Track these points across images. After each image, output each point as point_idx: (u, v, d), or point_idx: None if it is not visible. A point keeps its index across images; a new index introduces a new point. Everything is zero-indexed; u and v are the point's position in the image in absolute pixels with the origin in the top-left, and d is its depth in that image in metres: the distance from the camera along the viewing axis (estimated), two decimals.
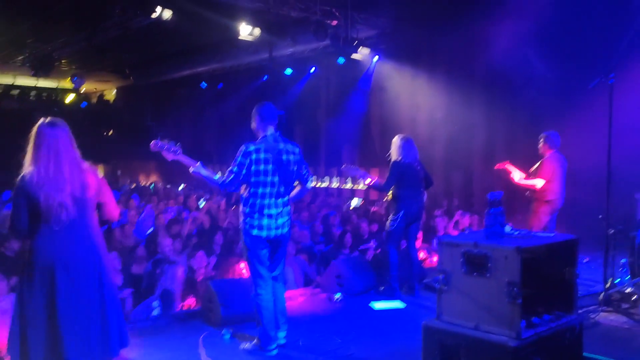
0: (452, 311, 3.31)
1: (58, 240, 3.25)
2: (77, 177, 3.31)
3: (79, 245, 3.30)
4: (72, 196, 3.26)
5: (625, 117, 5.92)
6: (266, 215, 4.22)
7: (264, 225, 4.23)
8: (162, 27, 11.07)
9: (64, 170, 3.26)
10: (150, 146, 4.24)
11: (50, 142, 3.27)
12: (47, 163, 3.23)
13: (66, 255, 3.25)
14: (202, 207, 11.21)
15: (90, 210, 3.40)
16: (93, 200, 3.41)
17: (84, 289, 3.28)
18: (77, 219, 3.28)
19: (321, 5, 11.15)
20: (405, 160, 6.09)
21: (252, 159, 4.18)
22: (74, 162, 3.34)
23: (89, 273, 3.31)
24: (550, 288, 3.48)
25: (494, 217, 3.37)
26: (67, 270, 3.23)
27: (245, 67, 15.92)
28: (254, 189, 4.22)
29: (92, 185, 3.38)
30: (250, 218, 4.23)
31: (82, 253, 3.30)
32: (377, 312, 5.65)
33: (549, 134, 6.90)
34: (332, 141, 15.36)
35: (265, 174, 4.21)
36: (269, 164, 4.21)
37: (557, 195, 6.82)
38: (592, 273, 6.33)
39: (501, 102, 10.82)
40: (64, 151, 3.30)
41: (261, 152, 4.21)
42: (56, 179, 3.23)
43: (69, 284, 3.23)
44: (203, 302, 5.42)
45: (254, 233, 4.23)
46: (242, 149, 4.22)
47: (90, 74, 19.57)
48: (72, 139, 3.38)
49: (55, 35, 13.93)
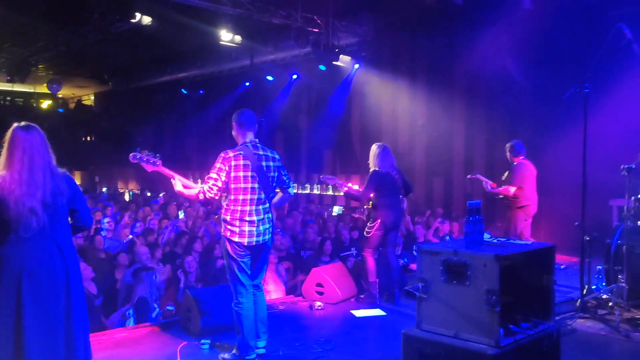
0: (432, 319, 3.32)
1: (26, 249, 3.17)
2: (49, 182, 3.24)
3: (47, 254, 3.22)
4: (43, 202, 3.19)
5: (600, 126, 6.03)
6: (247, 222, 4.19)
7: (245, 232, 4.19)
8: (142, 32, 11.01)
9: (36, 175, 3.19)
10: (129, 158, 4.18)
11: (25, 146, 3.21)
12: (20, 167, 3.17)
13: (33, 265, 3.17)
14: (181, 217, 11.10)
15: (61, 218, 3.32)
16: (65, 207, 3.33)
17: (50, 300, 3.19)
18: (47, 226, 3.21)
19: (303, 12, 11.20)
20: (383, 169, 6.12)
21: (232, 166, 4.15)
22: (48, 168, 3.27)
23: (57, 283, 3.23)
24: (529, 295, 3.50)
25: (473, 225, 3.39)
26: (33, 281, 3.15)
27: (226, 73, 15.89)
28: (235, 195, 4.19)
29: (65, 191, 3.31)
30: (231, 225, 4.20)
31: (50, 263, 3.22)
32: (358, 320, 5.64)
33: (513, 143, 7.09)
34: (313, 148, 15.36)
35: (245, 181, 4.18)
36: (249, 171, 4.19)
37: (529, 201, 6.97)
38: (569, 279, 6.42)
39: (480, 110, 10.95)
40: (39, 156, 3.24)
41: (240, 158, 4.18)
42: (28, 184, 3.16)
43: (35, 294, 3.15)
44: (182, 311, 5.35)
45: (235, 240, 4.20)
46: (222, 156, 4.19)
47: (68, 79, 19.36)
48: (47, 144, 3.32)
49: (32, 40, 13.75)
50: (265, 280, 4.66)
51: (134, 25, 10.47)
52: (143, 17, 9.93)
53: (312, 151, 15.40)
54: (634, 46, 5.13)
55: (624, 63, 6.32)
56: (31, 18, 11.19)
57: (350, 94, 13.77)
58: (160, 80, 17.77)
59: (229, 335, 4.64)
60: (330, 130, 14.48)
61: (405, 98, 12.24)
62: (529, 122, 9.38)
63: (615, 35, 5.15)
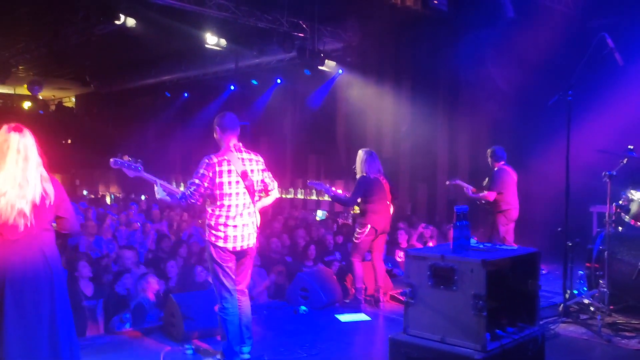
0: (419, 324, 3.33)
1: (9, 253, 3.12)
2: (39, 185, 3.21)
3: (31, 259, 3.17)
4: (32, 204, 3.16)
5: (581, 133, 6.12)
6: (231, 227, 4.17)
7: (229, 237, 4.16)
8: (126, 34, 10.92)
9: (30, 177, 3.17)
10: (110, 163, 4.12)
11: (20, 148, 3.19)
12: (15, 169, 3.14)
13: (16, 270, 3.12)
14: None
15: (47, 222, 3.28)
16: (52, 212, 3.30)
17: (33, 306, 3.14)
18: (34, 229, 3.17)
19: (288, 17, 11.21)
20: (370, 174, 6.14)
21: (216, 171, 4.11)
22: (38, 170, 3.25)
23: (40, 289, 3.18)
24: (514, 300, 3.54)
25: (460, 231, 3.41)
26: (16, 285, 3.10)
27: (211, 76, 15.82)
28: (220, 201, 4.15)
29: (52, 195, 3.27)
30: (215, 230, 4.16)
31: (34, 268, 3.17)
32: (343, 325, 5.63)
33: (494, 149, 7.23)
34: (298, 152, 15.36)
35: (230, 186, 4.15)
36: (233, 175, 4.16)
37: (511, 205, 7.08)
38: (551, 284, 6.49)
39: (464, 116, 11.06)
40: (32, 158, 3.22)
41: (224, 163, 4.15)
42: (21, 186, 3.13)
43: (18, 300, 3.10)
44: (165, 316, 5.30)
45: (220, 245, 4.16)
46: (205, 161, 4.14)
47: (49, 81, 19.09)
48: (38, 147, 3.30)
49: (13, 41, 13.55)
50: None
51: (118, 27, 10.37)
52: (127, 19, 9.85)
53: (296, 156, 15.39)
54: (616, 55, 5.22)
55: (606, 72, 6.43)
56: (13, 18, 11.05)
57: (335, 99, 13.82)
58: (144, 83, 17.62)
59: (213, 340, 4.60)
60: (315, 135, 14.50)
61: (390, 103, 12.31)
62: (512, 128, 9.49)
63: (598, 44, 5.24)
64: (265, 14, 10.96)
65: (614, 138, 7.17)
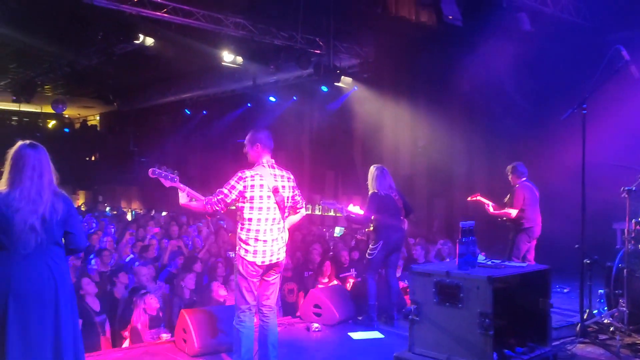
0: (424, 342, 3.26)
1: (15, 269, 3.14)
2: (51, 201, 3.25)
3: (37, 274, 3.19)
4: (42, 219, 3.19)
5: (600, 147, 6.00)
6: (262, 241, 4.19)
7: (259, 251, 4.18)
8: (145, 53, 11.13)
9: (43, 193, 3.21)
10: (149, 173, 4.25)
11: (35, 164, 3.23)
12: (30, 185, 3.18)
13: (20, 285, 3.14)
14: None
15: (55, 237, 3.30)
16: (60, 227, 3.32)
17: (36, 321, 3.15)
18: (43, 244, 3.20)
19: (304, 34, 11.29)
20: (381, 191, 6.09)
21: (248, 185, 4.17)
22: (51, 187, 3.29)
23: (44, 304, 3.19)
24: (524, 319, 3.44)
25: (466, 247, 3.34)
26: (19, 300, 3.11)
27: (229, 94, 16.00)
28: (250, 214, 4.19)
29: (60, 211, 3.30)
30: (245, 244, 4.19)
31: (38, 282, 3.19)
32: (355, 342, 5.56)
33: (514, 165, 7.08)
34: (315, 168, 15.36)
35: (261, 200, 4.19)
36: (264, 190, 4.21)
37: (532, 222, 6.91)
38: (572, 303, 6.32)
39: (481, 131, 10.94)
40: (46, 174, 3.26)
41: (257, 178, 4.21)
42: (34, 201, 3.17)
43: (21, 315, 3.11)
44: (177, 331, 5.30)
45: (249, 259, 4.18)
46: (238, 174, 4.22)
47: (74, 100, 19.55)
48: (51, 164, 3.34)
49: (38, 61, 13.92)
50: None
51: (138, 47, 10.58)
52: (146, 38, 10.04)
53: (314, 172, 15.40)
54: (631, 68, 5.12)
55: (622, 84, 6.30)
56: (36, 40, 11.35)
57: (351, 115, 13.82)
58: (164, 101, 17.90)
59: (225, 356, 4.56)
60: (332, 151, 14.49)
61: (407, 119, 12.27)
62: (529, 143, 9.36)
63: (613, 57, 5.15)
64: (281, 31, 11.07)
65: (632, 151, 7.02)
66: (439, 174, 11.71)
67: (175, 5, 9.82)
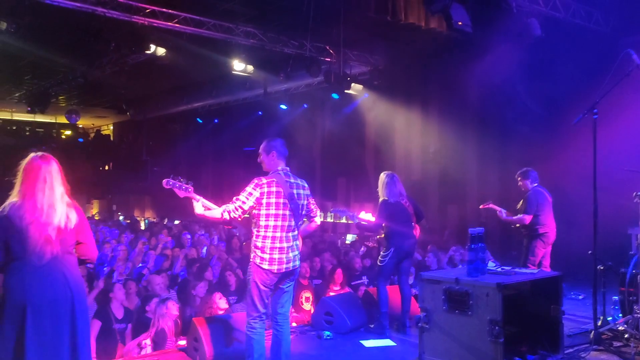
0: (435, 350, 3.24)
1: (31, 280, 3.16)
2: (63, 212, 3.27)
3: (53, 285, 3.21)
4: (57, 231, 3.22)
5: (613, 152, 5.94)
6: (278, 249, 4.21)
7: (275, 260, 4.20)
8: (157, 63, 11.24)
9: (56, 205, 3.24)
10: (163, 183, 4.29)
11: (46, 176, 3.26)
12: (42, 197, 3.21)
13: (37, 297, 3.16)
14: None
15: (69, 248, 3.33)
16: (73, 238, 3.35)
17: (53, 331, 3.17)
18: (58, 255, 3.22)
19: (315, 42, 11.34)
20: (391, 198, 6.08)
21: (265, 192, 4.20)
22: (63, 198, 3.31)
23: (60, 314, 3.20)
24: (535, 326, 3.40)
25: (475, 253, 3.32)
26: (37, 312, 3.13)
27: (240, 102, 16.09)
28: (266, 222, 4.21)
29: (73, 222, 3.33)
30: (261, 252, 4.20)
31: (55, 293, 3.21)
32: (367, 350, 5.53)
33: (525, 171, 7.02)
34: (327, 176, 15.37)
35: (277, 207, 4.22)
36: (281, 198, 4.23)
37: (547, 228, 6.82)
38: (587, 310, 6.23)
39: (493, 137, 10.89)
40: (57, 186, 3.28)
41: (273, 185, 4.24)
42: (48, 214, 3.20)
43: (38, 326, 3.12)
44: (189, 340, 5.31)
45: (265, 267, 4.19)
46: (254, 181, 4.26)
47: (87, 110, 19.78)
48: (63, 175, 3.36)
49: (51, 72, 14.11)
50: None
51: (150, 57, 10.69)
52: (158, 48, 10.15)
53: (325, 179, 15.40)
54: None
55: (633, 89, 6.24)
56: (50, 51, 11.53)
57: (363, 122, 13.82)
58: (176, 110, 18.05)
59: None
60: (344, 158, 14.49)
61: (418, 126, 12.25)
62: (542, 149, 9.28)
63: (623, 61, 5.10)
64: (291, 39, 11.12)
65: None
66: (451, 180, 11.65)
67: (186, 16, 9.92)
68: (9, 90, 16.99)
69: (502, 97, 9.90)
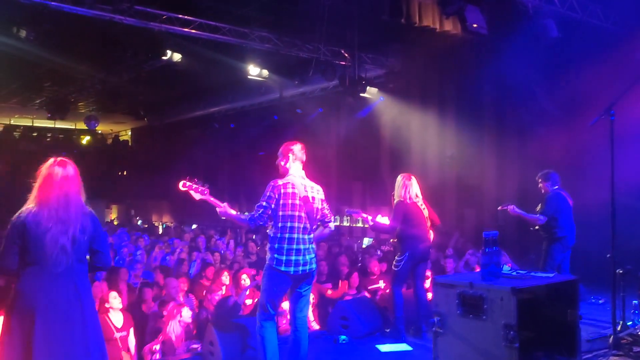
0: (449, 355, 3.21)
1: (43, 285, 3.16)
2: (80, 220, 3.26)
3: (63, 292, 3.20)
4: (73, 240, 3.20)
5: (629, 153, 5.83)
6: (295, 250, 4.22)
7: (292, 262, 4.21)
8: (173, 69, 11.35)
9: (70, 213, 3.22)
10: (179, 186, 4.32)
11: (63, 184, 3.24)
12: (57, 205, 3.19)
13: (48, 301, 3.15)
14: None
15: (82, 255, 3.32)
16: (87, 245, 3.33)
17: (64, 338, 3.16)
18: (71, 264, 3.21)
19: (329, 46, 11.35)
20: (408, 199, 6.04)
21: (281, 193, 4.23)
22: (80, 206, 3.30)
23: (70, 321, 3.19)
24: (552, 331, 3.35)
25: (490, 257, 3.29)
26: (46, 317, 3.12)
27: (256, 107, 16.16)
28: (282, 223, 4.23)
29: (88, 230, 3.32)
30: (278, 254, 4.21)
31: (66, 303, 3.20)
32: (383, 355, 5.51)
33: (545, 173, 6.92)
34: (342, 180, 15.34)
35: (293, 209, 4.25)
36: (297, 199, 4.27)
37: (567, 231, 6.72)
38: (607, 314, 6.10)
39: (511, 139, 10.78)
40: (74, 194, 3.27)
41: (289, 187, 4.28)
42: (63, 221, 3.18)
43: (47, 331, 3.12)
44: (204, 344, 5.33)
45: (282, 269, 4.20)
46: (271, 184, 4.29)
47: (106, 116, 20.03)
48: (80, 181, 3.34)
49: (71, 79, 14.33)
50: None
51: (166, 63, 10.80)
52: (174, 54, 10.25)
53: (341, 183, 15.37)
54: None
55: None
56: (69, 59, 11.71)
57: (378, 126, 13.78)
58: (193, 115, 18.19)
59: None
60: (359, 162, 14.45)
61: (434, 129, 12.17)
62: (560, 151, 9.15)
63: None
64: (306, 43, 11.14)
65: None
66: (468, 184, 11.55)
67: (202, 21, 10.01)
68: (30, 97, 17.28)
69: (519, 99, 9.80)
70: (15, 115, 20.57)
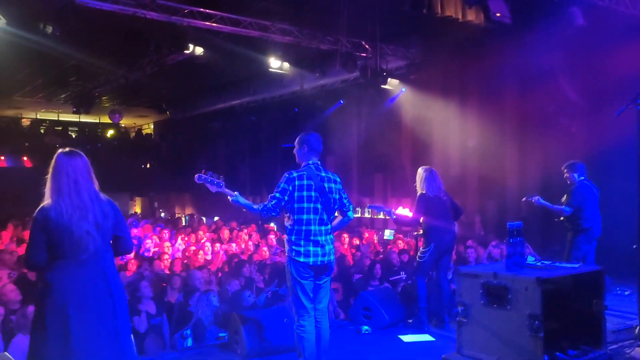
0: (473, 344, 3.22)
1: (72, 278, 3.18)
2: (97, 205, 3.28)
3: (92, 281, 3.23)
4: (96, 224, 3.23)
5: None
6: (312, 242, 4.22)
7: (310, 252, 4.21)
8: (195, 62, 11.45)
9: (84, 199, 3.23)
10: (195, 178, 4.35)
11: (69, 171, 3.25)
12: (69, 192, 3.21)
13: (78, 294, 3.17)
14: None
15: (107, 241, 3.35)
16: (111, 232, 3.36)
17: (97, 329, 3.19)
18: (98, 250, 3.23)
19: (350, 37, 11.32)
20: (430, 192, 6.04)
21: (296, 185, 4.22)
22: (92, 192, 3.31)
23: (102, 309, 3.23)
24: (576, 321, 3.35)
25: (514, 247, 3.28)
26: (79, 311, 3.15)
27: (277, 99, 16.21)
28: (299, 215, 4.23)
29: (110, 215, 3.34)
30: (296, 245, 4.23)
31: (96, 292, 3.23)
32: (406, 345, 5.53)
33: (571, 164, 6.84)
34: (364, 171, 15.33)
35: (309, 200, 4.23)
36: (312, 191, 4.25)
37: (592, 223, 6.65)
38: (634, 306, 6.04)
39: (534, 130, 10.65)
40: (83, 180, 3.27)
41: (304, 178, 4.26)
42: (80, 207, 3.20)
43: (83, 322, 3.14)
44: (230, 333, 5.42)
45: (301, 260, 4.20)
46: (286, 176, 4.28)
47: (130, 110, 20.29)
48: (90, 169, 3.35)
49: (95, 74, 14.53)
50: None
51: (188, 57, 10.90)
52: (196, 48, 10.33)
53: (362, 175, 15.37)
54: None
55: None
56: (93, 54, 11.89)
57: (399, 117, 13.72)
58: (214, 108, 18.32)
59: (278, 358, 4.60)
60: (381, 154, 14.42)
61: (456, 120, 12.07)
62: (585, 141, 9.02)
63: None
64: (327, 35, 11.13)
65: None
66: (491, 175, 11.45)
67: (223, 15, 10.07)
68: (55, 92, 17.58)
69: (543, 89, 9.66)
70: (42, 109, 20.94)
